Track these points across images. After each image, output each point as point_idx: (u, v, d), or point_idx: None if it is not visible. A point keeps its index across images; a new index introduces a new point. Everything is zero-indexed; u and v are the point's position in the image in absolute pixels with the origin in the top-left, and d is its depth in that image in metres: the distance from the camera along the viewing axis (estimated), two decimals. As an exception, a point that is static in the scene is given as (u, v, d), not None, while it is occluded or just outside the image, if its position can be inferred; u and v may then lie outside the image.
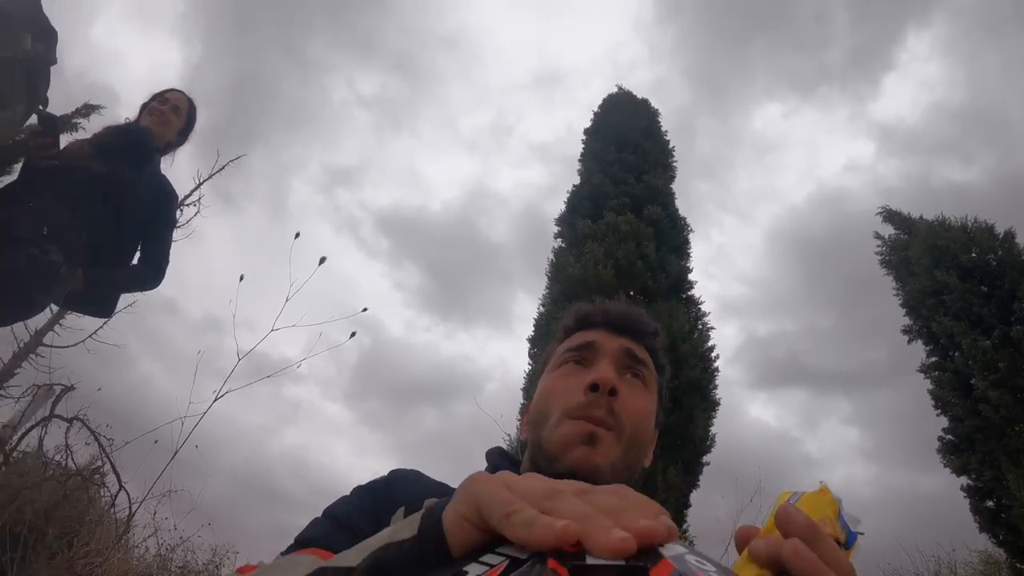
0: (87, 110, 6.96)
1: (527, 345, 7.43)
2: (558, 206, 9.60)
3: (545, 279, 7.89)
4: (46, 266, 2.63)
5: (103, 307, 3.11)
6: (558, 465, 0.99)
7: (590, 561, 0.36)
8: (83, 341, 6.53)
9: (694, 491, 6.07)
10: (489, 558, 0.40)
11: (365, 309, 4.88)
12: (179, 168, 7.78)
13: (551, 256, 8.20)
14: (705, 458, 6.22)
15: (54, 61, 2.78)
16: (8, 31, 2.39)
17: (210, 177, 7.84)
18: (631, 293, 6.85)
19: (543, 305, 7.60)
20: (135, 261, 3.13)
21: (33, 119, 2.81)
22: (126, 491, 5.36)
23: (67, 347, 6.51)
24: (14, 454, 5.84)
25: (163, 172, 3.28)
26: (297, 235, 4.56)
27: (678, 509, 5.60)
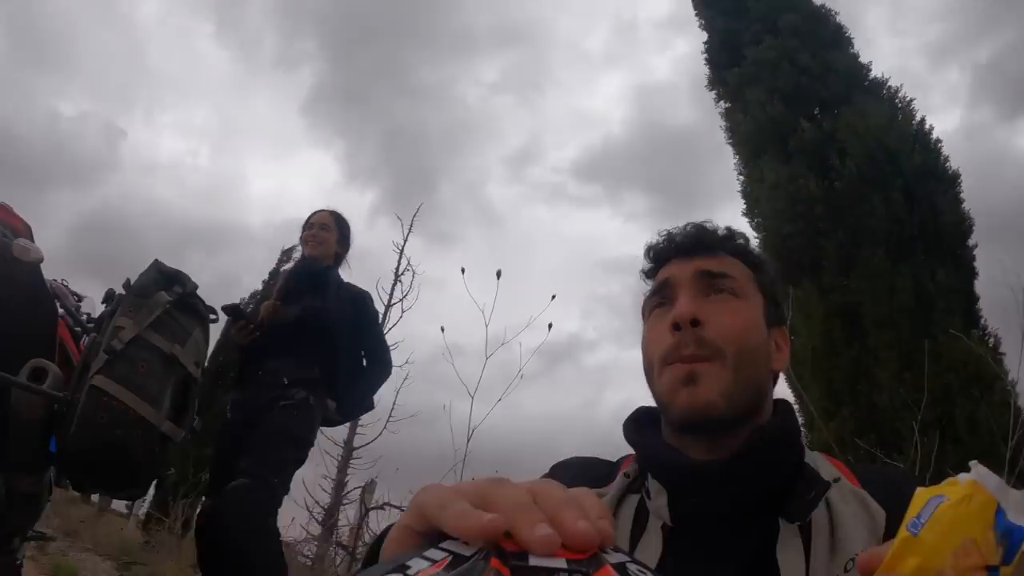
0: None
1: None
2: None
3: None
4: (302, 407, 3.12)
5: (355, 415, 3.60)
6: (673, 415, 0.97)
7: (532, 562, 0.36)
8: (380, 433, 7.29)
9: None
10: (432, 553, 0.39)
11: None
12: (385, 250, 8.41)
13: (723, 123, 8.13)
14: (970, 241, 5.81)
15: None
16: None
17: (405, 242, 8.42)
18: (815, 113, 6.81)
19: (744, 167, 7.63)
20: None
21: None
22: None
23: (371, 441, 7.41)
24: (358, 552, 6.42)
25: (346, 281, 3.65)
26: (463, 270, 4.97)
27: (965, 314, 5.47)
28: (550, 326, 4.34)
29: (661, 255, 1.10)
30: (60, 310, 2.79)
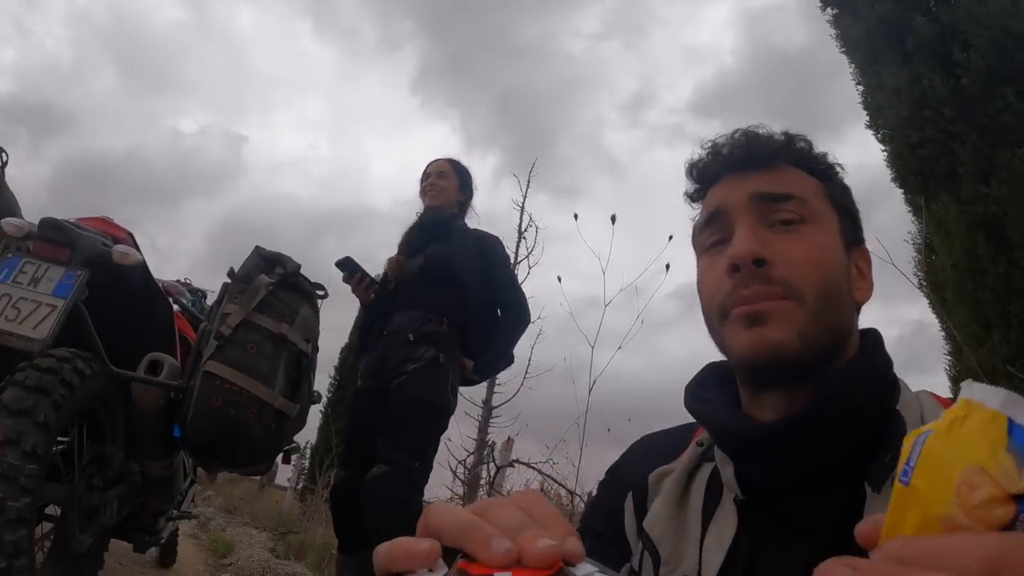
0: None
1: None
2: None
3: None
4: (432, 367, 2.90)
5: (495, 371, 3.25)
6: (737, 363, 0.84)
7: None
8: (519, 390, 7.16)
9: None
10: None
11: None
12: (510, 211, 8.50)
13: (832, 31, 7.67)
14: None
15: None
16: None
17: (525, 198, 8.43)
18: (930, 6, 6.29)
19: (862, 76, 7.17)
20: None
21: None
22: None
23: (510, 399, 7.26)
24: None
25: (473, 227, 3.43)
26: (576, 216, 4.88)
27: None
28: (668, 267, 4.32)
29: (708, 173, 0.92)
30: (175, 306, 2.93)
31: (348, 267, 3.18)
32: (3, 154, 3.07)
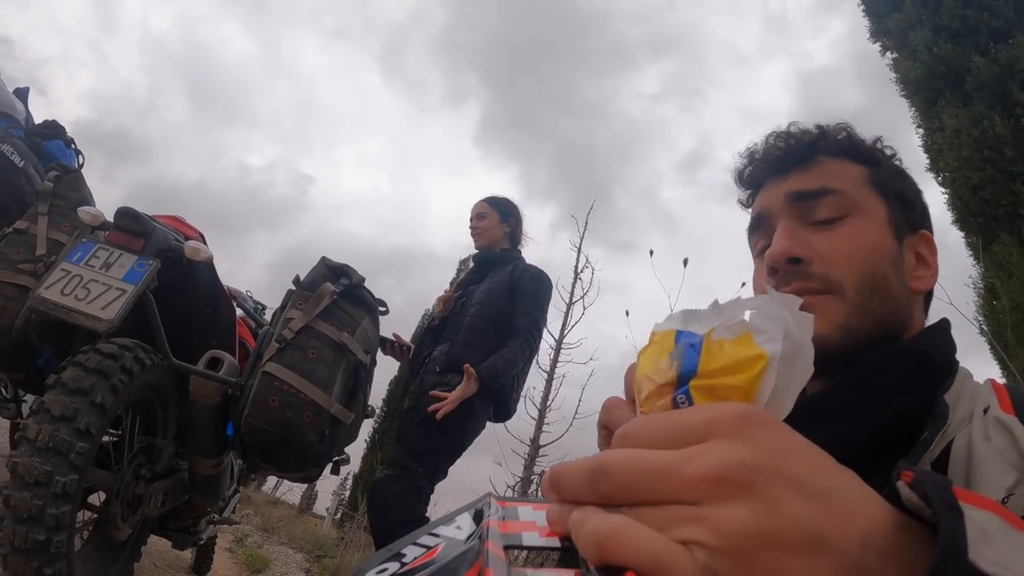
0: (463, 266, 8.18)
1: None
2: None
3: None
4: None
5: (495, 378, 3.11)
6: None
7: (526, 543, 0.36)
8: (567, 431, 7.47)
9: None
10: (426, 539, 0.39)
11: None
12: (567, 258, 8.84)
13: (892, 75, 7.63)
14: None
15: None
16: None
17: (582, 240, 8.59)
18: (988, 46, 6.14)
19: (922, 119, 7.09)
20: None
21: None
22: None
23: (557, 439, 7.55)
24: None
25: (526, 261, 3.53)
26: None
27: None
28: (744, 284, 4.29)
29: (751, 178, 0.92)
30: (239, 311, 2.94)
31: (382, 344, 3.34)
32: (80, 156, 3.25)
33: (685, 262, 4.06)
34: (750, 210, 0.93)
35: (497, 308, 3.28)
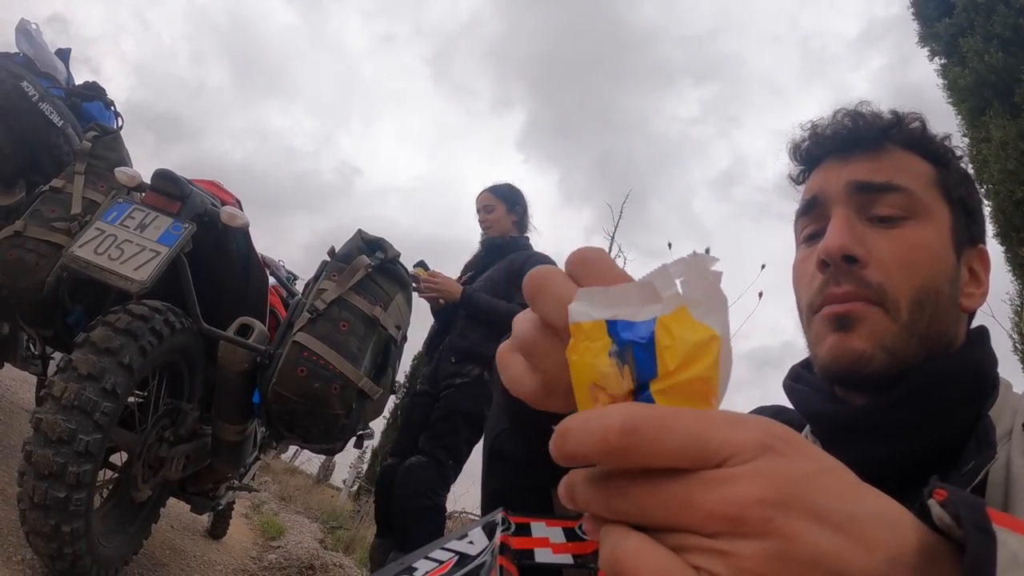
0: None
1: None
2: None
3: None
4: (475, 384, 3.16)
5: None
6: (819, 366, 0.76)
7: (538, 559, 0.36)
8: None
9: None
10: (438, 554, 0.38)
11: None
12: None
13: (940, 81, 7.48)
14: None
15: None
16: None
17: (616, 228, 8.57)
18: None
19: (968, 129, 6.95)
20: None
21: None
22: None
23: None
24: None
25: (532, 248, 3.62)
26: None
27: None
28: (760, 295, 4.34)
29: (807, 155, 0.84)
30: (271, 279, 2.92)
31: (426, 267, 3.42)
32: (120, 118, 3.25)
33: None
34: (800, 188, 0.86)
35: (492, 294, 3.33)
